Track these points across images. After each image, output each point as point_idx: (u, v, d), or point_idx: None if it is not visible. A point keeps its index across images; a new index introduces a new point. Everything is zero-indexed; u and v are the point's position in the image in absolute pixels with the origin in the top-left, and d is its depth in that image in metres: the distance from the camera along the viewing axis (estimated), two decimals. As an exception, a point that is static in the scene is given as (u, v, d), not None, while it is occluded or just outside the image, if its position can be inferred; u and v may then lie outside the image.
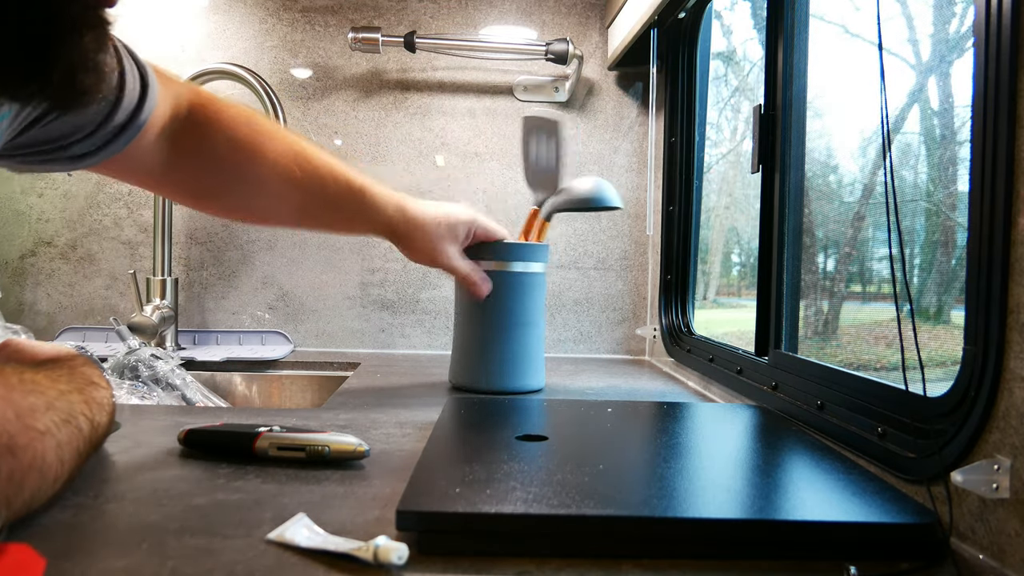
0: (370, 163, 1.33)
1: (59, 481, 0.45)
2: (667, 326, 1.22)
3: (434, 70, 1.34)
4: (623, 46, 1.22)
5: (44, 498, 0.44)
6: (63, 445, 0.44)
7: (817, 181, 1.28)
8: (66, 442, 0.45)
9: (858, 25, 1.09)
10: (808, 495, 0.50)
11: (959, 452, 0.47)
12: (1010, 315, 0.44)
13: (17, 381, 0.44)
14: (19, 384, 0.44)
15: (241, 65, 1.17)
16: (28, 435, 0.41)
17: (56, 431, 0.44)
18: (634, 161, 1.35)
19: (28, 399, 0.43)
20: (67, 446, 0.45)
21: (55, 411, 0.45)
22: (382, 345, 1.34)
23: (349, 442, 0.59)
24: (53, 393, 0.46)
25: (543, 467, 0.53)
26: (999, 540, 0.43)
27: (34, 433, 0.42)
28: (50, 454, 0.43)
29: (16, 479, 0.40)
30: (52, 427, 0.44)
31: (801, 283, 0.87)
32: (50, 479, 0.44)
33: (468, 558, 0.42)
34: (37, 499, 0.43)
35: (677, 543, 0.43)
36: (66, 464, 0.45)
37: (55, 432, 0.44)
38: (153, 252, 1.24)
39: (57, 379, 0.48)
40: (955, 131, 0.97)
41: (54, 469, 0.44)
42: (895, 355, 0.50)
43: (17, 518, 0.42)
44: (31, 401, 0.43)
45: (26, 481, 0.41)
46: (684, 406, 0.78)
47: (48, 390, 0.46)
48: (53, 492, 0.45)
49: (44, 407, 0.44)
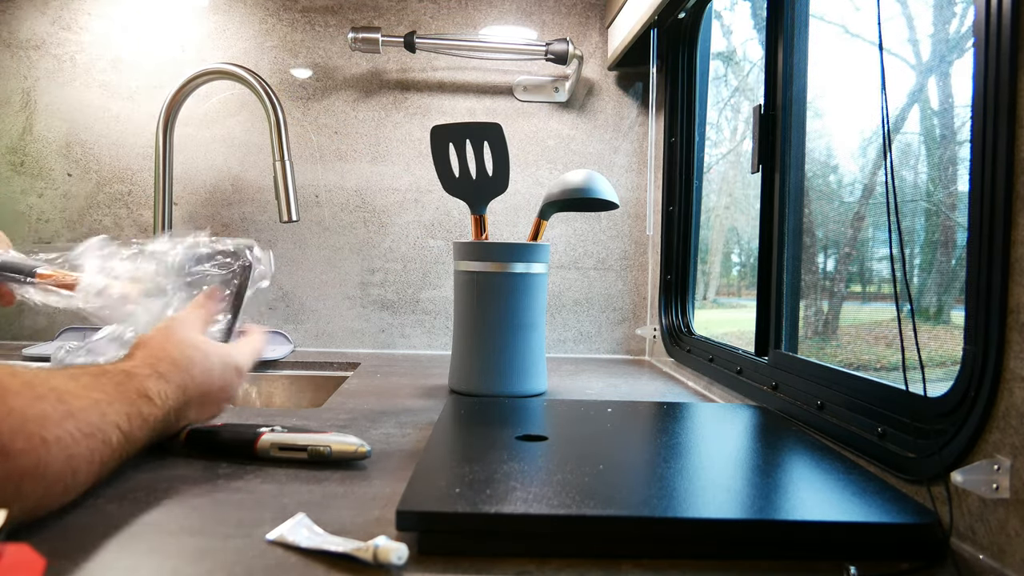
0: (370, 163, 1.34)
1: (70, 492, 0.45)
2: (667, 326, 1.22)
3: (434, 70, 1.34)
4: (623, 46, 1.22)
5: (53, 506, 0.44)
6: (77, 457, 0.44)
7: (817, 181, 1.28)
8: (83, 454, 0.44)
9: (858, 25, 1.09)
10: (808, 495, 0.50)
11: (959, 452, 0.47)
12: (1010, 315, 0.44)
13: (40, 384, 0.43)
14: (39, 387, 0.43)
15: (241, 65, 1.16)
16: (29, 441, 0.41)
17: (71, 442, 0.43)
18: (634, 161, 1.35)
19: (38, 407, 0.43)
20: (82, 458, 0.44)
21: (75, 421, 0.44)
22: (382, 345, 1.34)
23: (351, 443, 0.59)
24: (82, 403, 0.46)
25: (543, 467, 0.53)
26: (999, 540, 0.43)
27: (36, 440, 0.41)
28: (57, 464, 0.42)
29: (13, 481, 0.40)
30: (66, 437, 0.43)
31: (801, 283, 0.87)
32: (57, 490, 0.43)
33: (468, 558, 0.42)
34: (43, 506, 0.43)
35: (677, 543, 0.43)
36: (80, 476, 0.45)
37: (69, 443, 0.43)
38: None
39: (95, 388, 0.48)
40: (955, 131, 0.97)
41: (63, 480, 0.43)
42: (895, 355, 0.50)
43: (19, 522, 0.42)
44: (41, 409, 0.43)
45: (23, 486, 0.41)
46: (684, 406, 0.78)
47: (75, 400, 0.45)
48: (64, 502, 0.45)
49: (60, 417, 0.43)
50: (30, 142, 1.31)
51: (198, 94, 1.29)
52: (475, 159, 0.93)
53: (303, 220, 1.33)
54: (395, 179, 1.34)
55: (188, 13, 1.31)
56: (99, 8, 1.30)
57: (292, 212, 1.13)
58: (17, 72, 1.30)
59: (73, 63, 1.30)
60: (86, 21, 1.30)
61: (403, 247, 1.34)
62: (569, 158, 1.35)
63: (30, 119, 1.30)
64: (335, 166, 1.33)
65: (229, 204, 1.33)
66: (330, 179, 1.34)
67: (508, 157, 0.92)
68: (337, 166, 1.33)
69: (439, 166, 0.94)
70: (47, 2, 1.30)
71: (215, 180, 1.33)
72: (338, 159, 1.34)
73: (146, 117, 1.31)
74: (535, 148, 1.35)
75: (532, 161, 1.35)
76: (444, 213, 1.35)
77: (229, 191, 1.33)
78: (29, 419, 0.42)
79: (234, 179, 1.33)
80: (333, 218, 1.34)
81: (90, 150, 1.31)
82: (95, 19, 1.30)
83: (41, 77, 1.30)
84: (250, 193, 1.33)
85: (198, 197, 1.32)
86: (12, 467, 0.40)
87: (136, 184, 1.32)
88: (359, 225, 1.34)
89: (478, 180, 0.94)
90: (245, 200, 1.33)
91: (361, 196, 1.34)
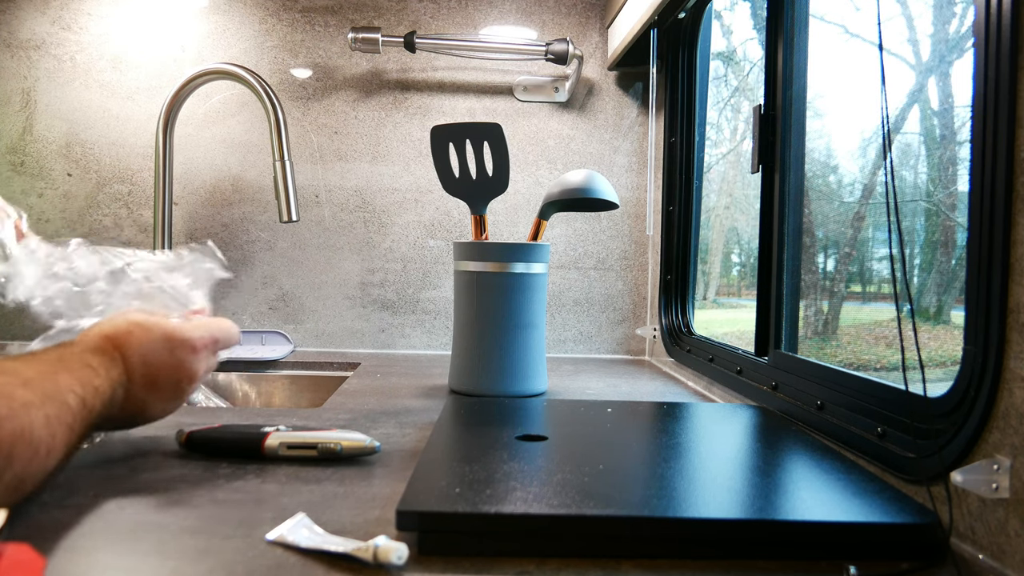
0: (370, 163, 1.34)
1: (52, 455, 0.45)
2: (667, 326, 1.22)
3: (434, 70, 1.34)
4: (623, 46, 1.22)
5: (39, 472, 0.44)
6: (51, 418, 0.45)
7: (817, 181, 1.28)
8: (54, 415, 0.45)
9: (858, 25, 1.09)
10: (808, 495, 0.50)
11: (959, 452, 0.47)
12: (1010, 315, 0.44)
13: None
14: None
15: (241, 65, 1.16)
16: (9, 406, 0.42)
17: (41, 404, 0.44)
18: (634, 161, 1.35)
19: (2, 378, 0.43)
20: (56, 419, 0.45)
21: (33, 388, 0.45)
22: (382, 345, 1.35)
23: (360, 439, 0.59)
24: (32, 372, 0.46)
25: (543, 467, 0.53)
26: (999, 540, 0.43)
27: (16, 404, 0.42)
28: (38, 426, 0.43)
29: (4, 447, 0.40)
30: (34, 400, 0.44)
31: (801, 283, 0.87)
32: (42, 452, 0.44)
33: (468, 558, 0.42)
34: (30, 473, 0.43)
35: (677, 543, 0.43)
36: (58, 438, 0.45)
37: (39, 404, 0.44)
38: (153, 252, 1.24)
39: (39, 361, 0.49)
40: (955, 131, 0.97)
41: (45, 442, 0.44)
42: (895, 355, 0.50)
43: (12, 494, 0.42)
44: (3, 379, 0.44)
45: (15, 452, 0.41)
46: (684, 406, 0.78)
47: (27, 370, 0.46)
48: (47, 467, 0.45)
49: (18, 384, 0.44)
50: (30, 142, 1.31)
51: (198, 94, 1.29)
52: (475, 159, 0.93)
53: (303, 220, 1.33)
54: (395, 179, 1.34)
55: (188, 13, 1.31)
56: (99, 8, 1.30)
57: (292, 212, 1.13)
58: (17, 72, 1.30)
59: (73, 63, 1.30)
60: (86, 21, 1.30)
61: (403, 247, 1.34)
62: (569, 158, 1.35)
63: (30, 119, 1.30)
64: (335, 166, 1.33)
65: (229, 204, 1.33)
66: (330, 179, 1.34)
67: (508, 157, 0.92)
68: (337, 166, 1.33)
69: (439, 166, 0.94)
70: (47, 2, 1.30)
71: (215, 180, 1.33)
72: (338, 159, 1.34)
73: (146, 117, 1.31)
74: (535, 148, 1.35)
75: (532, 161, 1.35)
76: (444, 213, 1.35)
77: (229, 191, 1.33)
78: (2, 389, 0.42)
79: (234, 179, 1.33)
80: (333, 218, 1.34)
81: (90, 150, 1.31)
82: (95, 19, 1.30)
83: (41, 77, 1.30)
84: (250, 193, 1.33)
85: (198, 197, 1.32)
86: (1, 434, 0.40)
87: (136, 184, 1.32)
88: (359, 225, 1.34)
89: (478, 180, 0.94)
90: (245, 200, 1.33)
91: (361, 196, 1.34)
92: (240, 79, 1.16)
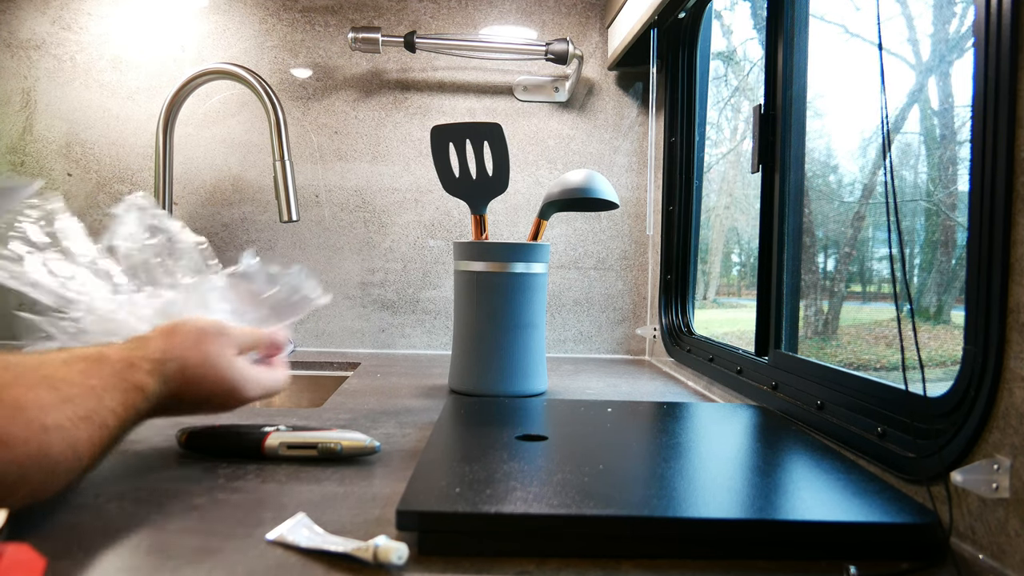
0: (370, 163, 1.34)
1: (73, 474, 0.45)
2: (667, 326, 1.22)
3: (434, 70, 1.34)
4: (623, 46, 1.22)
5: (57, 489, 0.44)
6: (81, 441, 0.44)
7: (817, 181, 1.28)
8: (82, 438, 0.45)
9: (858, 25, 1.09)
10: (808, 495, 0.50)
11: (959, 452, 0.47)
12: (1010, 315, 0.44)
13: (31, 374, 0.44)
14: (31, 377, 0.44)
15: (241, 65, 1.16)
16: (29, 428, 0.41)
17: (70, 427, 0.44)
18: (634, 161, 1.35)
19: (36, 393, 0.43)
20: (87, 441, 0.45)
21: (73, 407, 0.45)
22: (382, 345, 1.35)
23: (360, 439, 0.59)
24: (78, 390, 0.46)
25: (543, 467, 0.53)
26: (999, 540, 0.43)
27: (36, 427, 0.42)
28: (57, 449, 0.43)
29: (13, 471, 0.40)
30: (65, 423, 0.44)
31: (801, 283, 0.87)
32: (60, 472, 0.44)
33: (468, 558, 0.42)
34: (47, 490, 0.44)
35: (677, 543, 0.43)
36: (84, 460, 0.45)
37: (68, 428, 0.44)
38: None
39: (91, 375, 0.48)
40: (955, 131, 0.97)
41: (65, 463, 0.44)
42: (895, 355, 0.50)
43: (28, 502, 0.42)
44: (39, 395, 0.43)
45: (27, 472, 0.41)
46: (684, 406, 0.78)
47: (70, 387, 0.46)
48: (68, 482, 0.45)
49: (58, 402, 0.44)
50: (30, 142, 1.31)
51: (198, 94, 1.29)
52: (475, 159, 0.93)
53: (303, 220, 1.33)
54: (395, 179, 1.34)
55: (188, 13, 1.31)
56: (99, 8, 1.30)
57: (292, 212, 1.13)
58: (17, 72, 1.30)
59: (73, 63, 1.30)
60: (86, 21, 1.30)
61: (403, 247, 1.34)
62: (569, 158, 1.35)
63: (30, 119, 1.30)
64: (335, 166, 1.33)
65: (229, 204, 1.33)
66: (330, 179, 1.34)
67: (508, 157, 0.92)
68: (337, 166, 1.33)
69: (439, 166, 0.94)
70: (47, 2, 1.30)
71: (215, 180, 1.33)
72: (338, 159, 1.34)
73: (146, 117, 1.31)
74: (535, 148, 1.35)
75: (532, 161, 1.35)
76: (444, 213, 1.35)
77: (229, 191, 1.33)
78: (26, 408, 0.42)
79: (234, 179, 1.33)
80: (333, 218, 1.34)
81: (90, 150, 1.31)
82: (95, 19, 1.30)
83: (41, 77, 1.30)
84: (250, 193, 1.33)
85: (198, 197, 1.32)
86: (13, 456, 0.40)
87: (136, 184, 1.32)
88: (359, 225, 1.34)
89: (478, 180, 0.94)
90: (245, 200, 1.33)
91: (361, 196, 1.34)
92: (240, 79, 1.16)
